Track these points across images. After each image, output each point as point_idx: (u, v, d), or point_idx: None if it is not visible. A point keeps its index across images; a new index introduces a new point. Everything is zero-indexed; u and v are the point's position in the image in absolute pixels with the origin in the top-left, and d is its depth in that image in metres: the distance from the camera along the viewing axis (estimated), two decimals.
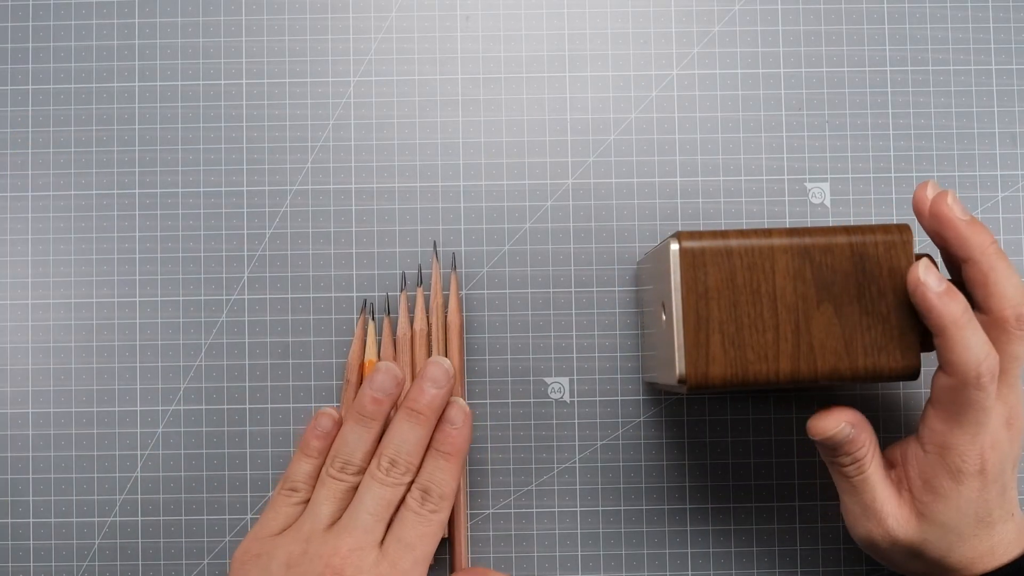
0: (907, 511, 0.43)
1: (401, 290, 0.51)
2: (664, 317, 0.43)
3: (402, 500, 0.46)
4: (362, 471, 0.46)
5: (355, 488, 0.46)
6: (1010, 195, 0.52)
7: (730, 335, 0.41)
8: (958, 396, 0.41)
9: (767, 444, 0.51)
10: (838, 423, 0.42)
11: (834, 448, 0.43)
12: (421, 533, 0.45)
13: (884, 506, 0.43)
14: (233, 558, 0.46)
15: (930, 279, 0.40)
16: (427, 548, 0.45)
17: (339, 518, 0.45)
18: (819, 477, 0.51)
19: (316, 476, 0.47)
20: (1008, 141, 0.52)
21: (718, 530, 0.51)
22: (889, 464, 0.44)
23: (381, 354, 0.50)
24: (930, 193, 0.42)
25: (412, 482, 0.46)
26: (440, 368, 0.47)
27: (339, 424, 0.48)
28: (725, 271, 0.41)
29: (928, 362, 0.52)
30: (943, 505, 0.42)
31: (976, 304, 0.42)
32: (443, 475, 0.46)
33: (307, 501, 0.47)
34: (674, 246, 0.41)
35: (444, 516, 0.46)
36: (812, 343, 0.41)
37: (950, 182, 0.52)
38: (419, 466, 0.46)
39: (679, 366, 0.41)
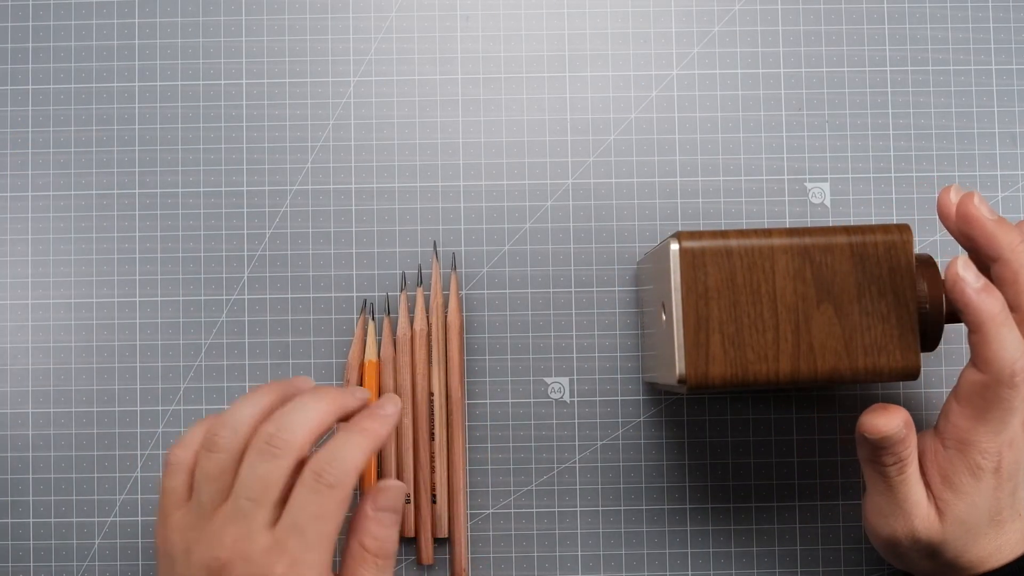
0: (933, 511, 0.42)
1: (401, 290, 0.51)
2: (664, 317, 0.43)
3: (296, 478, 0.41)
4: (242, 446, 0.41)
5: (234, 466, 0.41)
6: (1010, 195, 0.52)
7: (730, 335, 0.41)
8: (988, 393, 0.40)
9: (767, 444, 0.51)
10: (897, 424, 0.41)
11: (882, 448, 0.42)
12: (315, 513, 0.40)
13: (916, 506, 0.42)
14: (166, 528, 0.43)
15: (968, 275, 0.40)
16: (323, 530, 0.40)
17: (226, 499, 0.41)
18: (819, 477, 0.51)
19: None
20: (1008, 141, 0.52)
21: (718, 530, 0.51)
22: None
23: (381, 354, 0.50)
24: (954, 197, 0.42)
25: (303, 461, 0.41)
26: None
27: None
28: (725, 271, 0.41)
29: (928, 362, 0.52)
30: (963, 503, 0.42)
31: (1009, 303, 0.41)
32: (350, 449, 0.41)
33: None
34: (674, 246, 0.41)
35: (343, 494, 0.40)
36: (812, 343, 0.41)
37: (950, 182, 0.52)
38: (309, 444, 0.41)
39: (679, 366, 0.41)
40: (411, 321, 0.51)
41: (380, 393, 0.50)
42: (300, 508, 0.40)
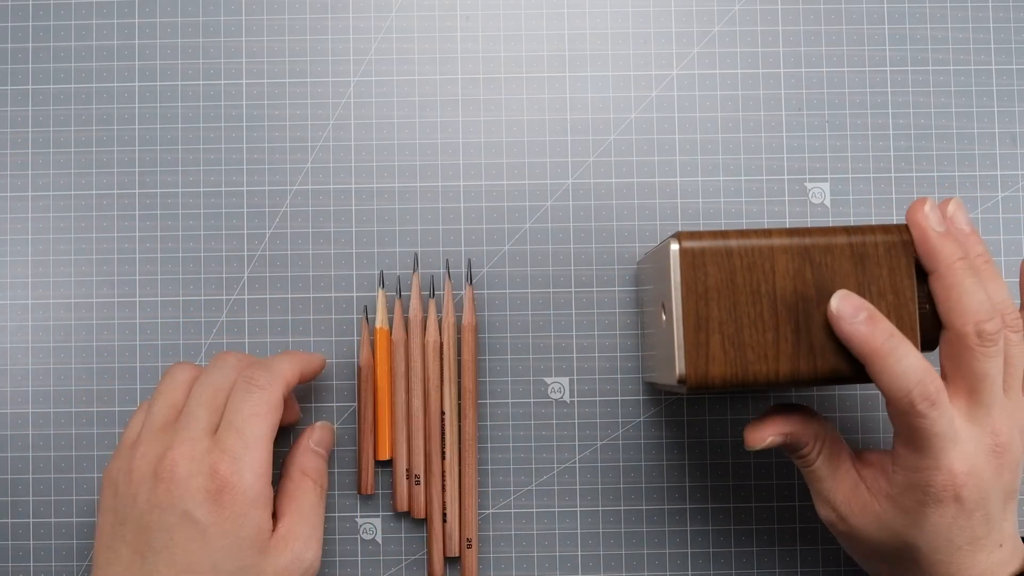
0: (859, 505, 0.42)
1: (414, 271, 0.51)
2: (664, 317, 0.43)
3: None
4: (186, 388, 0.46)
5: (180, 395, 0.46)
6: (1010, 195, 0.52)
7: (730, 335, 0.41)
8: (904, 422, 0.39)
9: None
10: (764, 438, 0.43)
11: (781, 450, 0.43)
12: (250, 413, 0.43)
13: (833, 494, 0.43)
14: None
15: (845, 310, 0.40)
16: (258, 431, 0.44)
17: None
18: None
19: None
20: (1008, 141, 0.52)
21: (718, 530, 0.51)
22: (864, 463, 0.43)
23: (393, 334, 0.50)
24: (927, 209, 0.41)
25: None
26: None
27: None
28: (725, 271, 0.41)
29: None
30: (903, 519, 0.41)
31: (941, 320, 0.41)
32: (281, 360, 0.46)
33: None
34: (674, 246, 0.41)
35: (272, 396, 0.44)
36: (812, 343, 0.41)
37: (950, 182, 0.52)
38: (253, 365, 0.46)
39: (679, 366, 0.41)
40: (422, 304, 0.50)
41: (391, 366, 0.50)
42: (236, 410, 0.44)
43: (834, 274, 0.41)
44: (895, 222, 0.51)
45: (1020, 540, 0.43)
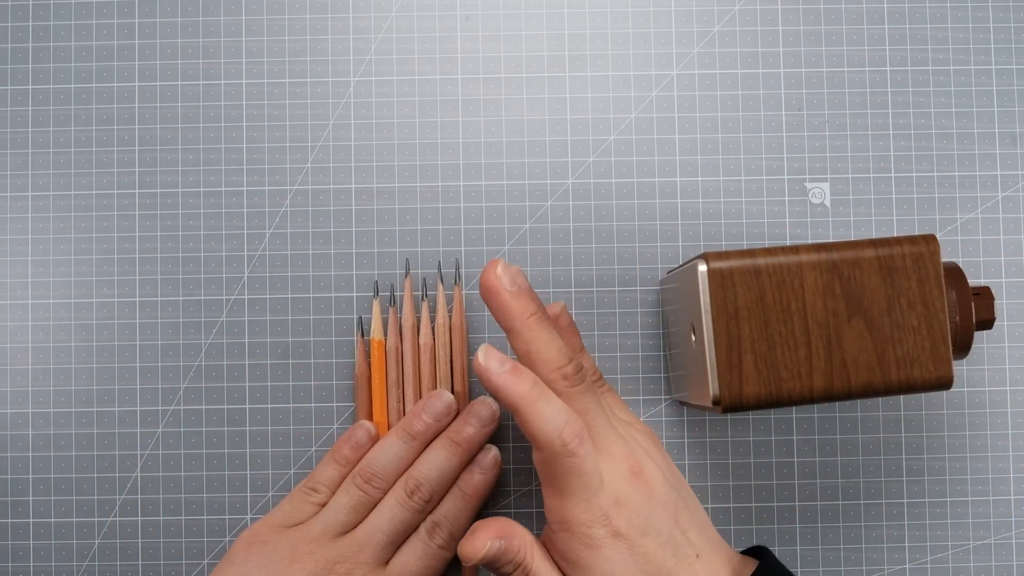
0: None
1: (406, 274, 0.51)
2: (694, 338, 0.41)
3: (416, 527, 0.46)
4: (387, 488, 0.45)
5: (375, 503, 0.45)
6: (1010, 195, 0.52)
7: (762, 354, 0.39)
8: (555, 468, 0.39)
9: (767, 444, 0.51)
10: (484, 543, 0.40)
11: (494, 563, 0.40)
12: (425, 565, 0.45)
13: None
14: (239, 538, 0.44)
15: (492, 363, 0.39)
16: None
17: (352, 529, 0.44)
18: (819, 477, 0.51)
19: (339, 483, 0.46)
20: (1008, 141, 0.52)
21: (718, 530, 0.51)
22: (548, 546, 0.42)
23: (388, 342, 0.50)
24: (499, 271, 0.40)
25: (431, 513, 0.46)
26: (488, 409, 0.47)
27: (374, 440, 0.47)
28: (754, 290, 0.39)
29: None
30: (590, 574, 0.39)
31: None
32: (458, 515, 0.46)
33: (324, 504, 0.45)
34: (702, 267, 0.39)
35: (449, 555, 0.45)
36: (844, 358, 0.39)
37: (950, 182, 0.52)
38: (441, 498, 0.46)
39: (713, 387, 0.39)
40: (415, 310, 0.50)
41: (386, 380, 0.50)
42: (415, 557, 0.45)
43: (863, 288, 0.40)
44: (895, 222, 0.51)
45: (723, 543, 0.41)
